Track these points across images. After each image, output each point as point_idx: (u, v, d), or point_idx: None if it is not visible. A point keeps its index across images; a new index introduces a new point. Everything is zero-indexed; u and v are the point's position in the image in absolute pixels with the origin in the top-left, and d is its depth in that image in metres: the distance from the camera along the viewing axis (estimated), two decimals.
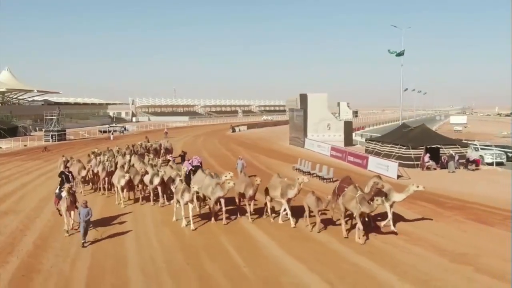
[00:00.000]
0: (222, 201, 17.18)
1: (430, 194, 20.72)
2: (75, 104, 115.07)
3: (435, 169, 29.02)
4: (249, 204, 17.58)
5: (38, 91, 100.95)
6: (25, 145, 54.85)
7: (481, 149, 32.80)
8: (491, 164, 30.83)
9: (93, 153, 27.88)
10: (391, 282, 11.43)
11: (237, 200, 18.29)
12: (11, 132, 70.52)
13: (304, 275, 12.03)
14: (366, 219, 15.68)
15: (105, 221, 17.43)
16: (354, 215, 14.71)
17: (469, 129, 77.64)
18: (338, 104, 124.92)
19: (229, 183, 16.73)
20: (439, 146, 30.00)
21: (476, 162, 29.28)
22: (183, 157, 30.42)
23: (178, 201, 17.17)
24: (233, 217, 17.79)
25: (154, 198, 20.62)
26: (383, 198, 15.02)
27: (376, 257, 13.19)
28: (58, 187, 17.91)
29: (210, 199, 17.56)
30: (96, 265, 13.00)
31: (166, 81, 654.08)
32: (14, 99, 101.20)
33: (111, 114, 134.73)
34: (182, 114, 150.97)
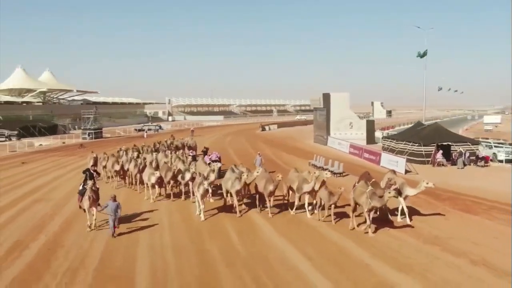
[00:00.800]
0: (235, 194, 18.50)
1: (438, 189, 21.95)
2: (113, 103, 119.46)
3: (445, 165, 30.03)
4: (269, 200, 18.24)
5: (77, 91, 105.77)
6: (63, 142, 58.38)
7: (494, 146, 33.52)
8: (502, 161, 31.54)
9: (120, 150, 30.19)
10: (363, 259, 12.98)
11: (257, 195, 19.02)
12: (51, 130, 74.79)
13: (289, 252, 13.75)
14: (377, 213, 16.74)
15: (127, 211, 18.89)
16: (364, 210, 15.38)
17: (499, 128, 76.85)
18: (372, 103, 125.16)
19: (246, 176, 18.05)
20: (450, 143, 30.96)
21: (485, 159, 30.13)
22: (205, 152, 32.33)
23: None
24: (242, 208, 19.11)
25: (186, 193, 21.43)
26: (396, 192, 15.56)
27: (357, 238, 14.77)
28: (82, 183, 19.07)
29: (230, 191, 18.69)
30: (111, 244, 15.04)
31: (205, 81, 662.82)
32: (54, 99, 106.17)
33: (148, 113, 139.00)
34: (217, 113, 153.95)
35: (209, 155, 28.90)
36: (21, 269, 12.85)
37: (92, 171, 21.04)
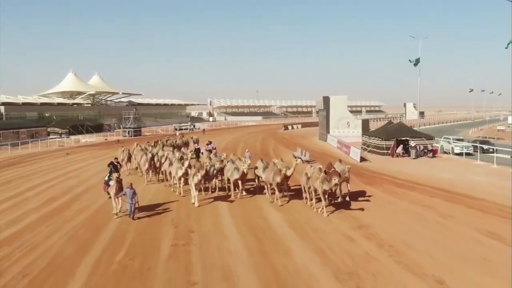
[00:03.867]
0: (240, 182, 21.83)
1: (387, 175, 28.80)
2: (156, 104, 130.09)
3: (402, 156, 36.89)
4: (278, 189, 20.44)
5: (123, 93, 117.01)
6: (106, 139, 68.36)
7: (453, 142, 39.94)
8: (459, 154, 37.90)
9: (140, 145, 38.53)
10: (290, 241, 15.20)
11: (266, 186, 21.91)
12: (97, 128, 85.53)
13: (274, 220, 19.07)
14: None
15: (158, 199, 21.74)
16: (320, 192, 18.14)
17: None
18: (405, 105, 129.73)
19: (244, 167, 21.28)
20: (408, 138, 37.75)
21: (433, 152, 36.73)
22: (208, 145, 40.14)
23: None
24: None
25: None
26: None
27: (286, 213, 18.85)
28: (108, 175, 21.50)
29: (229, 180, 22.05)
30: (142, 223, 17.75)
31: (251, 82, 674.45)
32: (102, 100, 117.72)
33: (193, 114, 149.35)
34: (258, 114, 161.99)
35: (207, 145, 36.62)
36: (54, 207, 21.17)
37: (115, 163, 23.98)
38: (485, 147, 39.47)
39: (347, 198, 20.52)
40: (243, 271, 12.39)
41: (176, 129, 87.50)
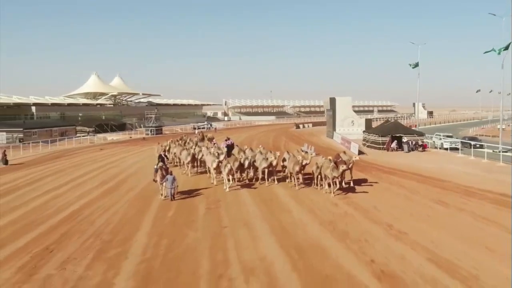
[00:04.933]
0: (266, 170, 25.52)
1: (379, 164, 34.45)
2: (174, 105, 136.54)
3: (396, 150, 42.39)
4: (297, 178, 24.66)
5: (143, 94, 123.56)
6: (130, 137, 74.84)
7: (443, 138, 45.37)
8: (446, 149, 43.28)
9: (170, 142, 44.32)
10: (291, 206, 21.31)
11: (288, 174, 25.73)
12: (120, 127, 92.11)
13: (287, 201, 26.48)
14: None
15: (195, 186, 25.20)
16: (330, 178, 22.29)
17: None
18: (414, 104, 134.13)
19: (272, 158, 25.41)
20: (401, 135, 43.23)
21: (423, 146, 42.17)
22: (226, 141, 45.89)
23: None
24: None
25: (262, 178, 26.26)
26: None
27: (291, 191, 24.25)
28: (157, 163, 25.43)
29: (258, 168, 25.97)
30: (182, 197, 23.91)
31: (263, 83, 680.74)
32: (123, 101, 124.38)
33: (209, 113, 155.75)
34: (271, 114, 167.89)
35: (226, 141, 42.33)
36: (108, 187, 27.06)
37: (163, 156, 28.98)
38: (472, 143, 44.70)
39: (351, 184, 24.88)
40: (257, 221, 18.12)
41: (194, 128, 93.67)
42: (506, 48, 40.05)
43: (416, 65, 57.97)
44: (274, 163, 25.71)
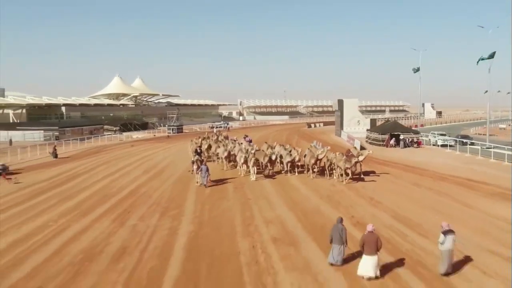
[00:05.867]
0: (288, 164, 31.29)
1: (376, 158, 40.33)
2: (192, 105, 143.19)
3: (394, 146, 48.37)
4: (313, 169, 30.15)
5: (162, 95, 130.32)
6: (154, 135, 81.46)
7: (437, 136, 51.29)
8: (441, 145, 49.15)
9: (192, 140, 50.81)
10: (300, 187, 29.58)
11: (306, 166, 30.90)
12: (143, 126, 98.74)
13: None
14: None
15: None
16: (342, 169, 28.89)
17: None
18: (423, 105, 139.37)
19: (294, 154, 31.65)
20: (399, 133, 49.21)
21: (418, 143, 48.12)
22: (245, 138, 52.28)
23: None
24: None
25: (290, 170, 31.62)
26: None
27: (302, 179, 31.26)
28: (193, 156, 32.77)
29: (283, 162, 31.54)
30: (214, 187, 33.39)
31: (277, 83, 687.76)
32: (144, 101, 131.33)
33: (224, 113, 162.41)
34: (285, 113, 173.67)
35: (245, 138, 48.72)
36: (151, 174, 33.37)
37: (199, 151, 36.09)
38: (464, 140, 50.49)
39: (361, 175, 30.02)
40: (274, 196, 24.40)
41: (212, 127, 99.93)
42: (491, 56, 45.87)
43: (418, 69, 63.68)
44: (297, 158, 31.02)
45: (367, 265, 12.62)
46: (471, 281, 12.65)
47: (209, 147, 39.78)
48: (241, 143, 37.83)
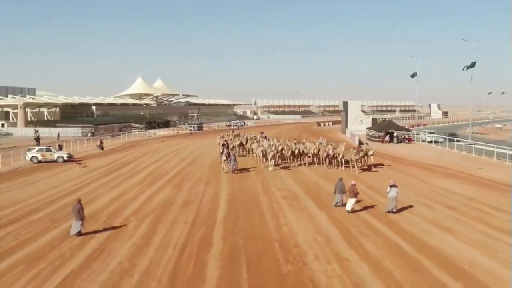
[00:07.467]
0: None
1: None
2: (209, 104, 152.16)
3: (388, 142, 56.64)
4: (325, 161, 37.47)
5: (182, 95, 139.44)
6: (177, 132, 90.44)
7: (427, 133, 59.51)
8: (430, 142, 57.29)
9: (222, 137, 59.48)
10: (306, 171, 40.21)
11: (322, 159, 37.76)
12: (165, 124, 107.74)
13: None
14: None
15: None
16: (354, 160, 36.78)
17: (508, 127, 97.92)
18: (429, 105, 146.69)
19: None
20: (393, 130, 57.45)
21: (409, 139, 56.37)
22: (261, 133, 60.75)
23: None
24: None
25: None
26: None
27: (311, 168, 41.25)
28: (222, 149, 40.19)
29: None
30: (240, 173, 43.61)
31: (291, 82, 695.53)
32: (165, 101, 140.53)
33: (240, 112, 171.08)
34: (297, 113, 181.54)
35: (261, 134, 57.16)
36: (187, 162, 42.03)
37: (226, 144, 43.55)
38: (451, 138, 58.62)
39: (371, 167, 38.02)
40: (285, 176, 32.94)
41: (228, 125, 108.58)
42: (472, 65, 54.11)
43: (415, 75, 71.72)
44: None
45: (348, 204, 21.33)
46: (402, 216, 21.15)
47: (241, 144, 46.11)
48: (269, 139, 45.34)
